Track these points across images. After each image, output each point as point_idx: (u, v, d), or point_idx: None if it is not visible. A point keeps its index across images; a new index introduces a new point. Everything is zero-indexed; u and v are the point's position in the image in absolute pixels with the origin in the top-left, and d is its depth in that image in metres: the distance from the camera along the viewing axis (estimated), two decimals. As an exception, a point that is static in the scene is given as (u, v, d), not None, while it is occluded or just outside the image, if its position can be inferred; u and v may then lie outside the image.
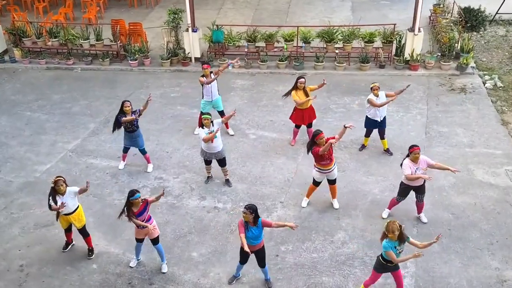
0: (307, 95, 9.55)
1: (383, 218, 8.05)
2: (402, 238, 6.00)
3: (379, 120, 9.41)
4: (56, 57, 14.50)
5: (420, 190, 7.72)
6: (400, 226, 5.96)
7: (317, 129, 7.93)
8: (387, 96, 9.29)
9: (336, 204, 8.42)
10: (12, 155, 10.26)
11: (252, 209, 6.22)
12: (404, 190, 7.80)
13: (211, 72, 9.94)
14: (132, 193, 6.68)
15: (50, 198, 6.97)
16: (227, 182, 9.06)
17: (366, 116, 9.53)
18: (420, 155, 7.38)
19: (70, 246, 7.76)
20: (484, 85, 12.50)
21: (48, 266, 7.48)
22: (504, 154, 9.73)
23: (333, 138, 7.67)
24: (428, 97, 11.99)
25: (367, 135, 9.80)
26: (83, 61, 14.37)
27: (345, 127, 7.62)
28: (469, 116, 11.14)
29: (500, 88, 12.34)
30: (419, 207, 7.97)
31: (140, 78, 13.62)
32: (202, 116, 8.56)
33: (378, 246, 7.55)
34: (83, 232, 7.46)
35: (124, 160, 9.66)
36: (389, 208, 8.13)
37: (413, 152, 7.32)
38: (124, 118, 8.80)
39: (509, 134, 10.43)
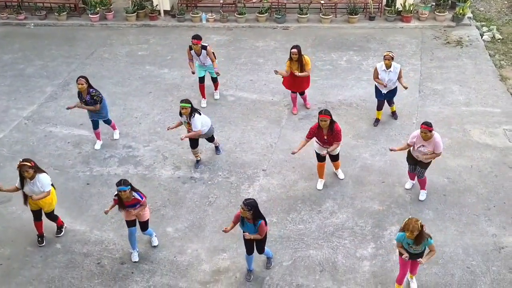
0: (302, 67, 9.09)
1: (406, 189, 8.02)
2: (419, 240, 5.75)
3: (384, 92, 9.09)
4: (4, 11, 13.89)
5: (420, 164, 7.57)
6: (422, 226, 5.67)
7: (325, 109, 7.63)
8: (399, 79, 8.89)
9: (341, 175, 8.34)
10: (-41, 124, 9.91)
11: (250, 206, 5.96)
12: (407, 158, 7.75)
13: (202, 48, 9.46)
14: (118, 183, 6.38)
15: (18, 179, 6.78)
16: (216, 149, 8.97)
17: (375, 85, 9.25)
18: (436, 137, 7.17)
19: (41, 240, 7.39)
20: (482, 37, 12.45)
21: (6, 248, 7.30)
22: (502, 113, 9.76)
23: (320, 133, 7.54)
24: (421, 51, 11.89)
25: (378, 107, 9.40)
26: (36, 15, 13.81)
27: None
28: (466, 72, 11.11)
29: (499, 41, 12.30)
30: (419, 182, 7.87)
31: (102, 35, 13.17)
32: (180, 104, 7.97)
33: (369, 215, 7.67)
34: (51, 217, 7.26)
35: (99, 139, 9.19)
36: (411, 178, 8.04)
37: (420, 128, 7.16)
38: (68, 106, 8.82)
39: (508, 90, 10.46)
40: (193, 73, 9.86)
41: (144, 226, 6.96)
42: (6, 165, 8.79)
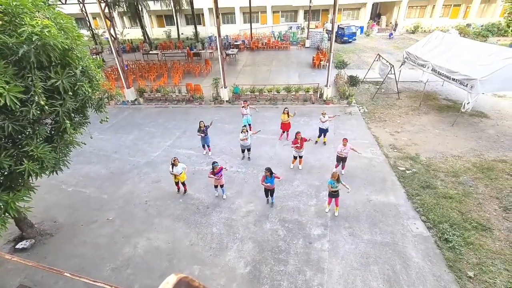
0: (288, 116, 9.43)
1: (333, 171, 7.96)
2: (338, 180, 6.13)
3: (321, 127, 9.26)
4: (160, 101, 14.04)
5: (343, 160, 7.73)
6: (338, 175, 6.15)
7: (298, 130, 7.91)
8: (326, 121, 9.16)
9: (300, 167, 8.33)
10: (140, 149, 9.94)
11: (268, 169, 6.48)
12: (337, 158, 7.83)
13: (248, 105, 9.85)
14: (213, 162, 6.82)
15: (170, 166, 7.03)
16: (249, 158, 8.93)
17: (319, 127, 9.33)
18: (347, 144, 7.40)
19: (178, 191, 7.59)
20: (360, 111, 12.29)
21: (160, 201, 7.38)
22: (369, 143, 9.61)
23: (297, 143, 7.68)
24: (335, 117, 11.73)
25: (319, 135, 9.56)
26: (173, 103, 13.87)
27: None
28: (353, 125, 10.93)
29: (366, 112, 12.17)
30: (343, 167, 7.98)
31: (200, 111, 13.10)
32: (242, 127, 8.48)
33: (314, 187, 7.52)
34: (183, 184, 7.39)
35: (204, 149, 9.24)
36: (336, 167, 8.06)
37: (343, 141, 7.40)
38: (198, 133, 8.82)
39: (371, 133, 10.27)
40: (243, 115, 10.01)
41: (222, 186, 7.07)
42: (163, 167, 8.79)
